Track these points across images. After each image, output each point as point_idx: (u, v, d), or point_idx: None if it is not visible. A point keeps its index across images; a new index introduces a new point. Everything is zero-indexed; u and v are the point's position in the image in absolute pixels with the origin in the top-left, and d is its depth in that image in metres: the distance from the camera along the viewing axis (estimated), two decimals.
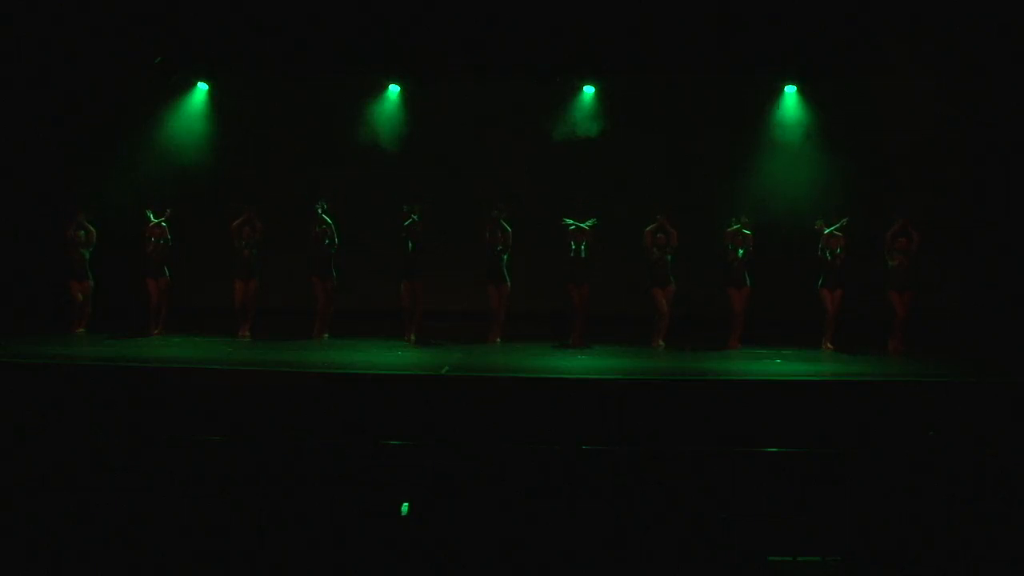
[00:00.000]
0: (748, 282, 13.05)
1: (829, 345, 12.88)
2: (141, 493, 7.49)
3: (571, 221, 13.23)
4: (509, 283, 13.27)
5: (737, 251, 13.05)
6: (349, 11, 14.20)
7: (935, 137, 14.43)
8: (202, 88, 15.17)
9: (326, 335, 13.48)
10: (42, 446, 8.23)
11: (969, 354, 12.21)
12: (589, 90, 14.80)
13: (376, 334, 13.42)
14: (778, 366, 11.40)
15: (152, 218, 13.60)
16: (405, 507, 7.43)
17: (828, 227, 12.89)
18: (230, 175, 15.29)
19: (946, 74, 14.35)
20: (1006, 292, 14.03)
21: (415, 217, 13.24)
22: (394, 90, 15.04)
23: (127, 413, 9.53)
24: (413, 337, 13.26)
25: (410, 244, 13.27)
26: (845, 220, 12.87)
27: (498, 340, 13.27)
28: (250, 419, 9.47)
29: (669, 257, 13.04)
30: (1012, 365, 11.21)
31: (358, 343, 12.92)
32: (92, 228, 13.59)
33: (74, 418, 9.45)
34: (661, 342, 13.08)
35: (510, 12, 14.04)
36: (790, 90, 14.64)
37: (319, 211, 13.38)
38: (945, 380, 10.37)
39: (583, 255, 13.16)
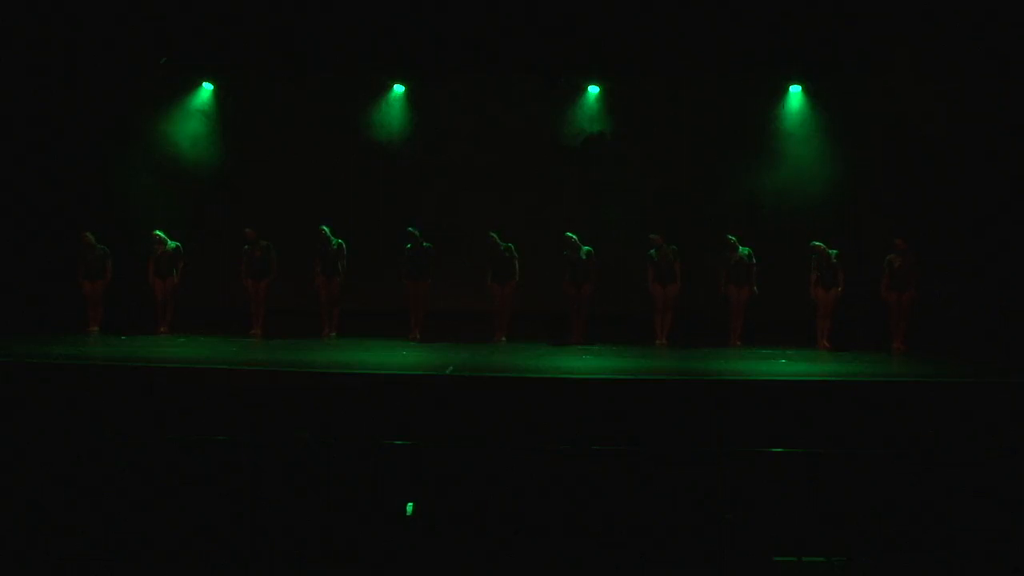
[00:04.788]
0: (749, 281, 13.14)
1: (826, 343, 12.96)
2: (142, 493, 7.54)
3: (574, 236, 13.35)
4: (517, 276, 13.35)
5: (737, 249, 13.17)
6: (355, 10, 14.23)
7: (937, 136, 14.45)
8: (207, 88, 15.22)
9: (333, 334, 13.55)
10: (43, 446, 8.25)
11: (969, 354, 12.28)
12: (594, 90, 14.86)
13: (381, 334, 13.49)
14: (781, 366, 11.44)
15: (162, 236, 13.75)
16: (410, 507, 7.48)
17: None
18: (235, 174, 15.33)
19: (947, 73, 14.37)
20: (1006, 292, 14.08)
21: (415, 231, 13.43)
22: (399, 89, 15.09)
23: (129, 413, 9.56)
24: (418, 336, 13.34)
25: (410, 247, 13.36)
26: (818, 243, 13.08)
27: (503, 339, 13.34)
28: (253, 419, 9.50)
29: (674, 252, 13.17)
30: (1012, 365, 11.26)
31: (363, 343, 12.98)
32: (106, 249, 13.70)
33: (75, 418, 9.47)
34: (664, 339, 13.18)
35: (515, 12, 14.07)
36: (795, 90, 14.69)
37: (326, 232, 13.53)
38: (945, 380, 10.41)
39: (582, 257, 13.25)
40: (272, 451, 8.08)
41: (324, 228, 13.55)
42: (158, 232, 13.68)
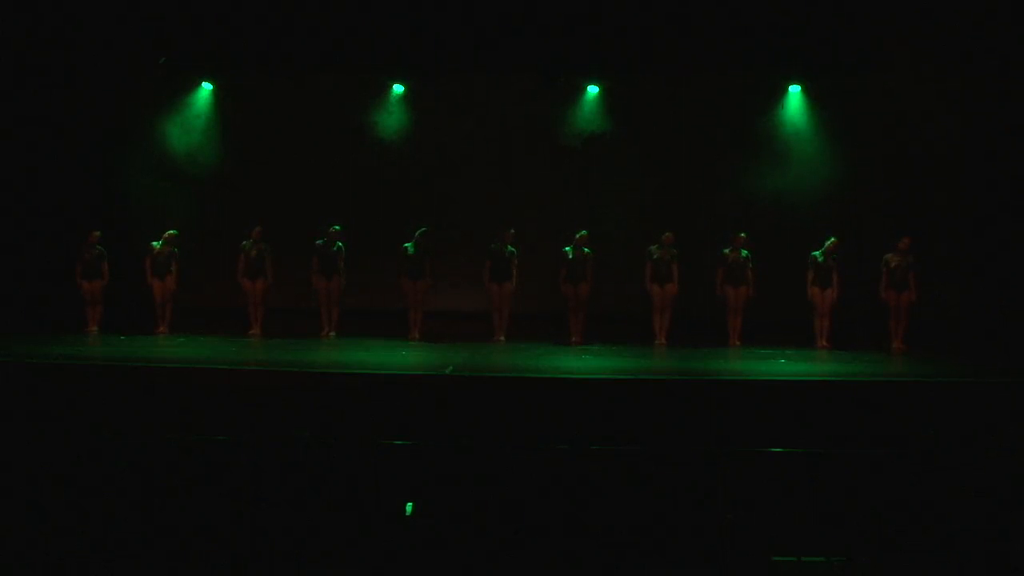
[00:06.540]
0: (746, 282, 13.14)
1: (825, 343, 12.98)
2: (142, 493, 7.53)
3: (584, 232, 13.34)
4: (514, 282, 13.34)
5: (739, 251, 13.17)
6: (354, 10, 14.24)
7: (937, 136, 14.46)
8: (206, 88, 15.23)
9: (332, 334, 13.55)
10: (43, 446, 8.25)
11: (969, 354, 12.28)
12: (594, 90, 14.86)
13: (381, 334, 13.49)
14: (781, 366, 11.44)
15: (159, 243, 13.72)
16: (410, 507, 7.48)
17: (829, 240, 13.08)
18: (235, 174, 15.33)
19: (947, 73, 14.40)
20: (1006, 292, 14.08)
21: (423, 229, 13.40)
22: (399, 89, 15.09)
23: (129, 413, 9.55)
24: (417, 336, 13.35)
25: (412, 247, 13.36)
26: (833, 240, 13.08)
27: (502, 339, 13.34)
28: (253, 419, 9.50)
29: (673, 253, 13.16)
30: (1012, 365, 11.27)
31: (363, 343, 12.98)
32: (102, 250, 13.66)
33: (75, 418, 9.46)
34: (663, 340, 13.19)
35: (514, 11, 14.08)
36: (794, 90, 14.69)
37: (336, 230, 13.51)
38: (945, 380, 10.41)
39: (583, 258, 13.25)
40: (272, 451, 8.08)
41: (336, 227, 13.54)
42: (173, 232, 13.68)
